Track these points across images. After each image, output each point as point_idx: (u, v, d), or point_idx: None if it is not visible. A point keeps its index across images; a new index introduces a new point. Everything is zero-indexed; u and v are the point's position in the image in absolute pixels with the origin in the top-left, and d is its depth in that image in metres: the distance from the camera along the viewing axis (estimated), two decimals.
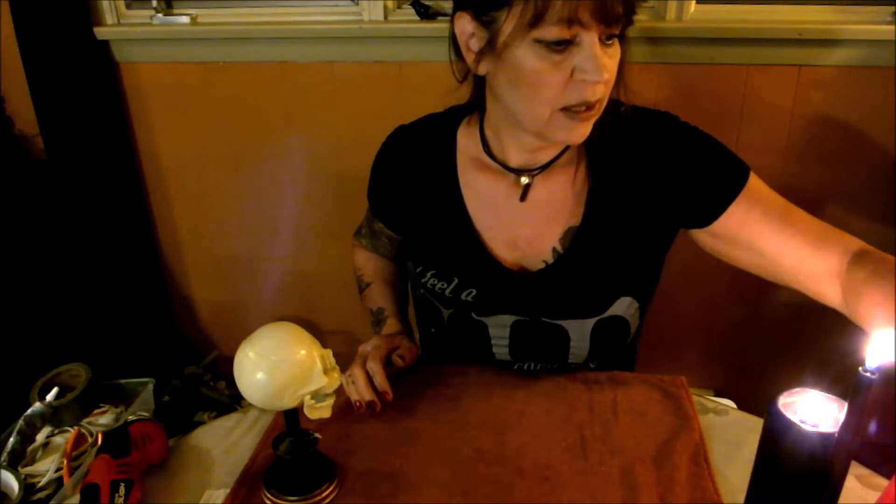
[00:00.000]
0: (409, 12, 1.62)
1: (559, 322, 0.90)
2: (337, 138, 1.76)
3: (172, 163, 1.89)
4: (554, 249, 0.88)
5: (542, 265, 0.89)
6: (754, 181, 0.82)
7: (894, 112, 1.47)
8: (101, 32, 1.70)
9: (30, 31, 1.65)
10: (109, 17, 1.74)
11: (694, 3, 1.52)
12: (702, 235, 0.86)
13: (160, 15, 1.72)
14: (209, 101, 1.78)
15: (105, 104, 1.76)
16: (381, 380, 0.84)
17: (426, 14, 1.59)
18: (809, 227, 0.80)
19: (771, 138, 1.57)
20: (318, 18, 1.68)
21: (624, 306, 0.89)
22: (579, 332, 0.90)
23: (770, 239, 0.80)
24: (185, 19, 1.71)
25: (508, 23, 0.71)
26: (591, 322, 0.89)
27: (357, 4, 1.65)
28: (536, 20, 0.68)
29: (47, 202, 1.80)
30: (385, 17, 1.63)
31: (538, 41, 0.70)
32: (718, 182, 0.82)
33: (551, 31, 0.69)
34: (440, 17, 1.59)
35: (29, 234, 1.73)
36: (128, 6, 1.75)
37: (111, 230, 1.86)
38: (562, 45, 0.70)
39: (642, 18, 1.54)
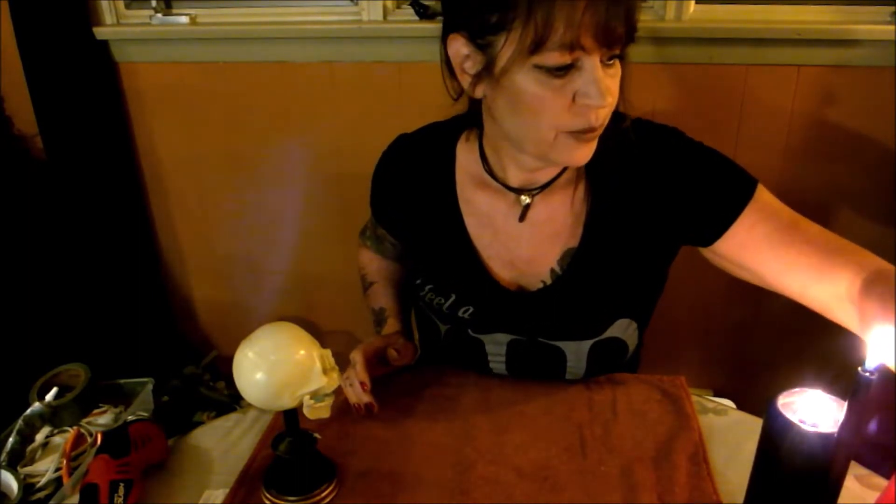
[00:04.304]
0: (408, 12, 1.62)
1: (556, 343, 0.89)
2: (336, 138, 1.76)
3: (172, 163, 1.89)
4: (552, 270, 0.87)
5: (541, 285, 0.88)
6: (761, 197, 0.78)
7: (894, 112, 1.47)
8: (100, 32, 1.70)
9: (29, 31, 1.65)
10: (109, 17, 1.74)
11: (693, 3, 1.52)
12: (706, 253, 0.84)
13: (159, 15, 1.72)
14: (208, 101, 1.78)
15: (104, 104, 1.76)
16: (360, 369, 0.84)
17: (425, 14, 1.59)
18: (815, 250, 0.74)
19: (770, 138, 1.57)
20: (318, 18, 1.68)
21: (622, 328, 0.88)
22: (576, 353, 0.89)
23: (770, 266, 0.77)
24: (185, 19, 1.71)
25: (507, 48, 0.68)
26: (587, 343, 0.88)
27: (356, 4, 1.64)
28: (537, 46, 0.65)
29: (47, 202, 1.79)
30: (384, 17, 1.63)
31: (538, 66, 0.67)
32: (722, 200, 0.78)
33: (552, 57, 0.66)
34: (439, 17, 1.58)
35: (28, 234, 1.73)
36: (127, 6, 1.75)
37: (110, 230, 1.86)
38: (563, 70, 0.67)
39: (642, 18, 1.53)
